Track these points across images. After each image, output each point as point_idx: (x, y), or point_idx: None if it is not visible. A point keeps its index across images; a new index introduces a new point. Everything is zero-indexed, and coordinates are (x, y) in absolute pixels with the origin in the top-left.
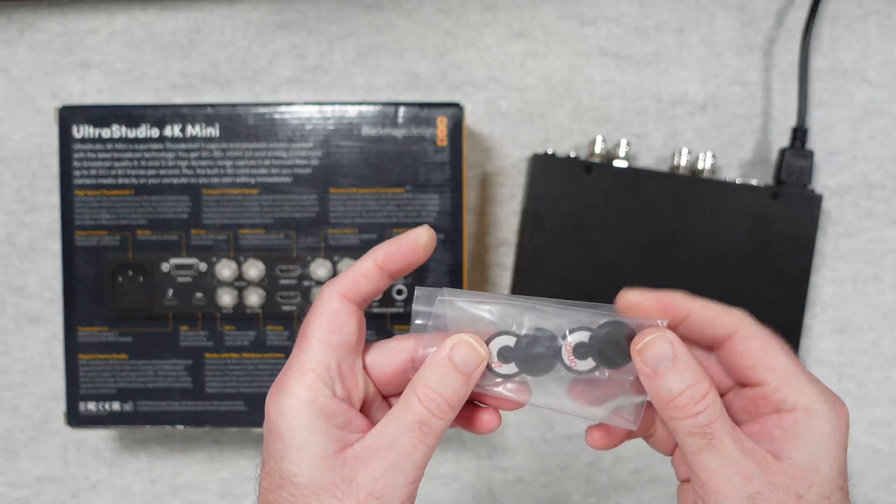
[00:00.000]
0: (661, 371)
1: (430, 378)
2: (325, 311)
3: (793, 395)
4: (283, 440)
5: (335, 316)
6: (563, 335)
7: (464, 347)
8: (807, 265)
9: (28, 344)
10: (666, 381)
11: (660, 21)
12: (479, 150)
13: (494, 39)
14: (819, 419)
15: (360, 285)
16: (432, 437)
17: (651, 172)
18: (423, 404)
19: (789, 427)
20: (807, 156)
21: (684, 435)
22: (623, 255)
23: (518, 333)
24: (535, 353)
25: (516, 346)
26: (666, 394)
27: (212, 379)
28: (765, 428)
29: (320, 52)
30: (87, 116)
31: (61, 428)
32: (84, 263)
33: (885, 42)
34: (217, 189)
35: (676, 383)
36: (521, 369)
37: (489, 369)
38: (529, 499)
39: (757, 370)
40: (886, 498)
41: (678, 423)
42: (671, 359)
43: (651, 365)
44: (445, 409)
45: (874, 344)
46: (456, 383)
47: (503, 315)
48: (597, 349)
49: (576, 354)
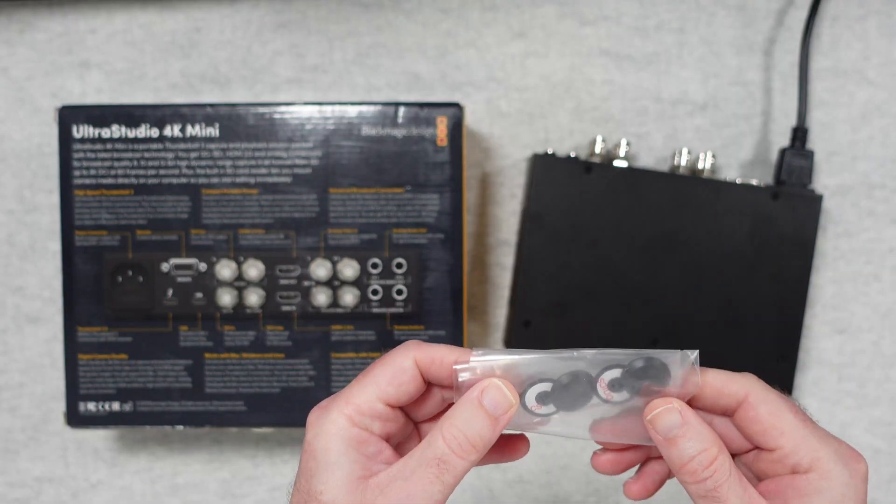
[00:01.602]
0: (672, 438)
1: (457, 417)
2: (395, 365)
3: (806, 458)
4: (316, 460)
5: (401, 374)
6: (597, 374)
7: (493, 391)
8: (807, 265)
9: (28, 344)
10: (677, 448)
11: (660, 21)
12: (479, 150)
13: (494, 39)
14: (833, 481)
15: (433, 365)
16: (450, 476)
17: (651, 172)
18: (446, 441)
19: (803, 489)
20: (807, 156)
21: (696, 497)
22: (623, 255)
23: (553, 379)
24: (572, 391)
25: (553, 389)
26: (677, 460)
27: (211, 379)
28: (780, 488)
29: (320, 51)
30: (87, 116)
31: (61, 428)
32: (84, 263)
33: (885, 42)
34: (217, 189)
35: (686, 451)
36: (559, 408)
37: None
38: (529, 499)
39: (768, 435)
40: (886, 498)
41: (689, 486)
42: (680, 426)
43: (662, 433)
44: (468, 448)
45: (874, 344)
46: (482, 425)
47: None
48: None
49: (611, 388)
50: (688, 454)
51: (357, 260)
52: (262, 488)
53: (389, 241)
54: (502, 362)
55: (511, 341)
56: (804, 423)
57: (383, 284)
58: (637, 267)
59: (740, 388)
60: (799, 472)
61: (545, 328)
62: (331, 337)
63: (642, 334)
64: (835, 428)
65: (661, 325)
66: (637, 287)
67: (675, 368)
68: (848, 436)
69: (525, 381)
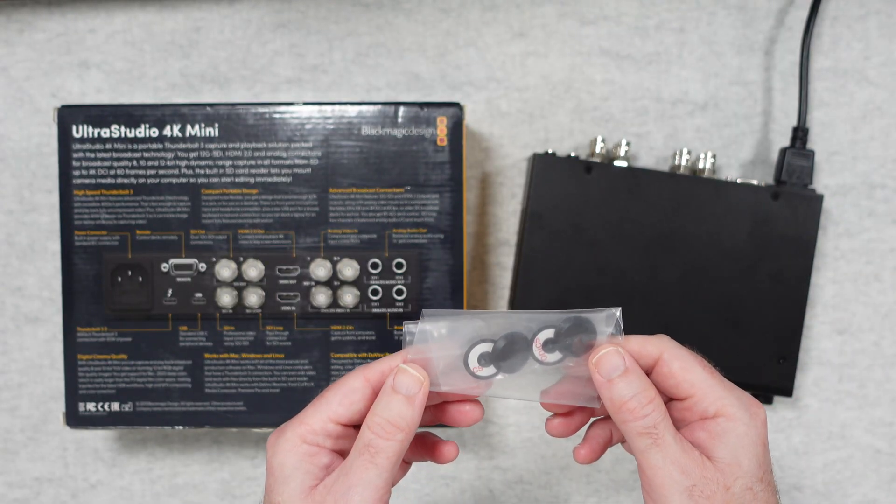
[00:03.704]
0: (614, 380)
1: (377, 406)
2: (345, 386)
3: (713, 405)
4: (274, 476)
5: (351, 393)
6: (532, 335)
7: (402, 375)
8: (807, 265)
9: (27, 344)
10: (618, 388)
11: (660, 21)
12: (479, 150)
13: (494, 39)
14: (736, 422)
15: (383, 374)
16: (383, 458)
17: (651, 172)
18: (371, 428)
19: (713, 430)
20: (807, 155)
21: (634, 435)
22: (623, 255)
23: (493, 339)
24: (509, 352)
25: (493, 350)
26: (618, 399)
27: (211, 379)
28: (694, 433)
29: (320, 51)
30: (87, 116)
31: (61, 428)
32: (83, 263)
33: (885, 41)
34: (216, 189)
35: (627, 390)
36: (499, 369)
37: (471, 373)
38: (529, 499)
39: (681, 388)
40: (887, 498)
41: (628, 424)
42: (622, 369)
43: (605, 375)
44: (391, 430)
45: (875, 344)
46: (399, 406)
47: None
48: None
49: (545, 349)
50: (628, 394)
51: (357, 260)
52: (261, 489)
53: (389, 241)
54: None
55: None
56: (711, 376)
57: (383, 284)
58: (637, 267)
59: (655, 348)
60: (707, 417)
61: None
62: (331, 337)
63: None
64: (835, 428)
65: (661, 325)
66: (637, 287)
67: (600, 326)
68: (848, 436)
69: (467, 342)
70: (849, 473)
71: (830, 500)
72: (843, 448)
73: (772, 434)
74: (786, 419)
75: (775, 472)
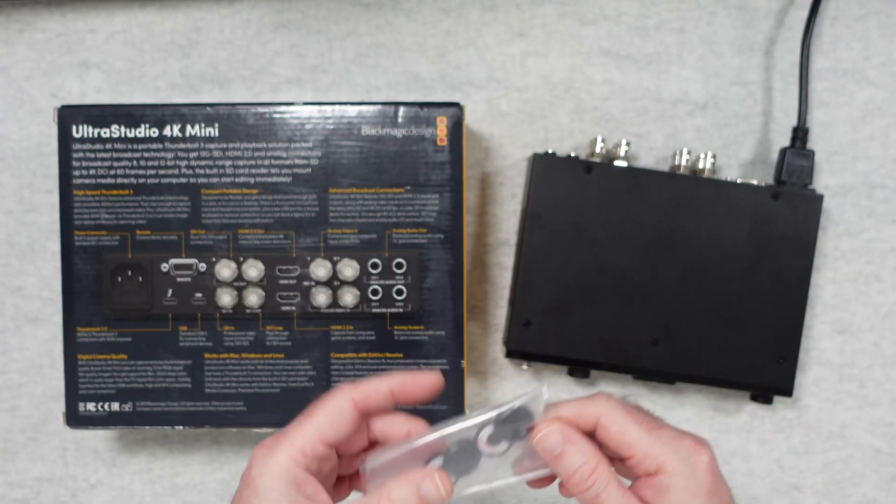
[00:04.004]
0: (558, 455)
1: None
2: (333, 407)
3: (653, 462)
4: (258, 497)
5: (340, 414)
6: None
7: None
8: (807, 265)
9: (27, 344)
10: (562, 463)
11: (660, 21)
12: (479, 150)
13: (494, 39)
14: (675, 477)
15: (370, 398)
16: None
17: (651, 172)
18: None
19: (657, 487)
20: (807, 155)
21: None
22: (623, 255)
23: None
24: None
25: (445, 463)
26: (564, 473)
27: (211, 379)
28: (642, 490)
29: (320, 51)
30: (87, 116)
31: (60, 428)
32: (83, 263)
33: (885, 41)
34: (216, 189)
35: (570, 465)
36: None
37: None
38: (529, 499)
39: (620, 449)
40: (887, 498)
41: (577, 495)
42: (562, 444)
43: (548, 452)
44: None
45: (875, 344)
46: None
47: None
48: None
49: (490, 442)
50: (572, 468)
51: (357, 260)
52: None
53: (389, 241)
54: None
55: (511, 341)
56: (649, 433)
57: (383, 284)
58: (637, 267)
59: (591, 415)
60: (651, 474)
61: (545, 328)
62: (330, 337)
63: (642, 334)
64: (835, 428)
65: (661, 325)
66: (637, 287)
67: (534, 406)
68: (848, 436)
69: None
70: (849, 473)
71: (830, 500)
72: (843, 448)
73: (772, 434)
74: (786, 419)
75: (775, 472)
